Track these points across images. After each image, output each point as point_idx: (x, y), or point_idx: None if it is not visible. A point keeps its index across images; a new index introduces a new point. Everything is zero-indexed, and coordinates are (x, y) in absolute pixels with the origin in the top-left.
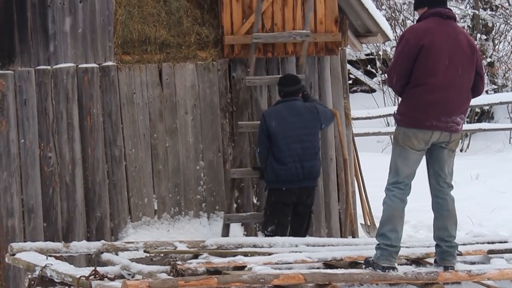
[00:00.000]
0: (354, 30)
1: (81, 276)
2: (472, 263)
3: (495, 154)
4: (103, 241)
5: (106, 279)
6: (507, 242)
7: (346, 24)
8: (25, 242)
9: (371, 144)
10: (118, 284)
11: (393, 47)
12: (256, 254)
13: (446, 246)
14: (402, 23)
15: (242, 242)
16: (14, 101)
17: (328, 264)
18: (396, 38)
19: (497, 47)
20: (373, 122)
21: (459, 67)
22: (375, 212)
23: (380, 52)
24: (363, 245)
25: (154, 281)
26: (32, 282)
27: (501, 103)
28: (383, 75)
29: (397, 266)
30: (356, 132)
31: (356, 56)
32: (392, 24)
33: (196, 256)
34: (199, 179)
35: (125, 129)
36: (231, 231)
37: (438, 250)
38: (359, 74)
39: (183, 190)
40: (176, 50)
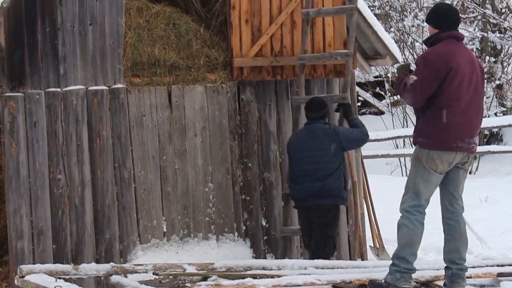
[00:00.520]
0: (363, 52)
1: None
2: (482, 286)
3: (504, 177)
4: (112, 263)
5: None
6: None
7: (355, 46)
8: (34, 264)
9: (380, 166)
10: None
11: None
12: (265, 277)
13: (456, 269)
14: (411, 46)
15: (251, 265)
16: (24, 123)
17: (337, 287)
18: (405, 60)
19: (505, 69)
20: (382, 144)
21: (477, 89)
22: (384, 235)
23: (389, 75)
24: (372, 267)
25: None
26: None
27: (510, 126)
28: (391, 97)
29: None
30: (365, 154)
31: (365, 78)
32: (401, 47)
33: (205, 278)
34: (208, 201)
35: (134, 151)
36: (240, 253)
37: (448, 273)
38: (367, 96)
39: (192, 212)
40: (186, 72)
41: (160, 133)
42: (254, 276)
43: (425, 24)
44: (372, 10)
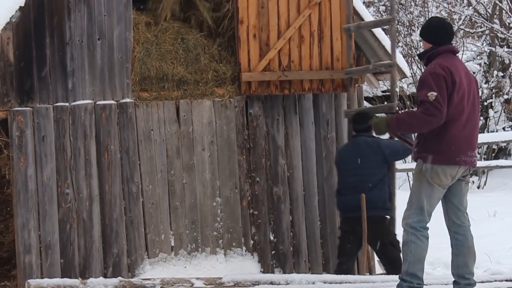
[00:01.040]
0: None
1: None
2: None
3: None
4: (120, 277)
5: None
6: None
7: (363, 61)
8: (42, 278)
9: None
10: None
11: (410, 83)
12: None
13: (465, 284)
14: (419, 60)
15: (259, 279)
16: (32, 137)
17: None
18: (413, 75)
19: None
20: None
21: (474, 102)
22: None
23: (397, 89)
24: (380, 282)
25: None
26: None
27: None
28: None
29: None
30: None
31: (373, 93)
32: (409, 61)
33: None
34: (216, 215)
35: (142, 165)
36: (248, 267)
37: None
38: None
39: (200, 227)
40: (194, 87)
41: (168, 147)
42: None
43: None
44: None
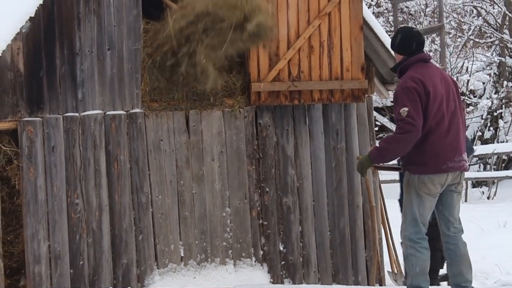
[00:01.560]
0: (381, 77)
1: None
2: None
3: None
4: (129, 287)
5: None
6: None
7: (372, 71)
8: None
9: (398, 191)
10: None
11: None
12: None
13: None
14: None
15: None
16: (42, 147)
17: None
18: None
19: None
20: None
21: (454, 105)
22: (402, 260)
23: None
24: None
25: None
26: None
27: None
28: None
29: None
30: (382, 179)
31: (382, 103)
32: None
33: None
34: (226, 225)
35: (152, 175)
36: (257, 278)
37: None
38: (385, 121)
39: (210, 237)
40: (203, 97)
41: (178, 157)
42: None
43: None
44: (389, 35)
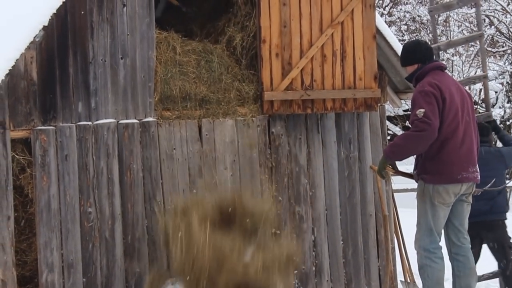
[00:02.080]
0: (394, 86)
1: None
2: None
3: None
4: None
5: None
6: None
7: (385, 80)
8: None
9: (410, 200)
10: None
11: None
12: None
13: None
14: None
15: None
16: (55, 156)
17: None
18: None
19: None
20: None
21: (469, 116)
22: (415, 269)
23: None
24: None
25: None
26: None
27: None
28: None
29: None
30: (395, 188)
31: (394, 112)
32: None
33: None
34: None
35: (164, 184)
36: None
37: None
38: (397, 130)
39: None
40: (216, 106)
41: (191, 166)
42: None
43: (454, 58)
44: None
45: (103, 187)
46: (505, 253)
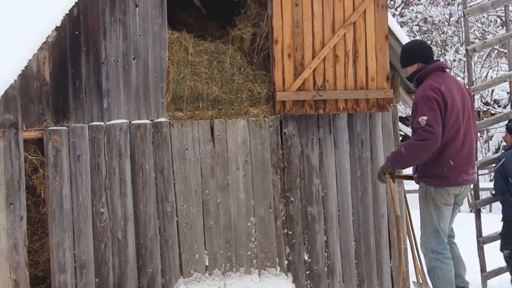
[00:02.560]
0: (406, 86)
1: None
2: None
3: None
4: None
5: None
6: None
7: (397, 80)
8: None
9: None
10: None
11: None
12: None
13: None
14: None
15: None
16: (68, 156)
17: None
18: None
19: None
20: None
21: (468, 117)
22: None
23: None
24: None
25: None
26: None
27: None
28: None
29: None
30: (407, 189)
31: (406, 113)
32: None
33: None
34: (250, 235)
35: (177, 185)
36: (282, 287)
37: None
38: (409, 131)
39: (234, 246)
40: (228, 106)
41: (203, 166)
42: None
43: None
44: None
45: (116, 187)
46: None
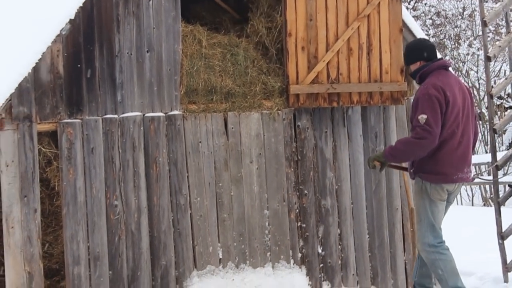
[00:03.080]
0: None
1: None
2: None
3: None
4: None
5: None
6: None
7: None
8: None
9: None
10: None
11: None
12: None
13: None
14: (466, 74)
15: None
16: (82, 149)
17: None
18: None
19: None
20: None
21: (467, 116)
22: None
23: None
24: None
25: None
26: None
27: None
28: None
29: None
30: None
31: None
32: (456, 75)
33: None
34: (264, 228)
35: (190, 177)
36: (295, 280)
37: None
38: None
39: (248, 239)
40: (242, 99)
41: (216, 159)
42: None
43: (480, 52)
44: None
45: (129, 180)
46: None
